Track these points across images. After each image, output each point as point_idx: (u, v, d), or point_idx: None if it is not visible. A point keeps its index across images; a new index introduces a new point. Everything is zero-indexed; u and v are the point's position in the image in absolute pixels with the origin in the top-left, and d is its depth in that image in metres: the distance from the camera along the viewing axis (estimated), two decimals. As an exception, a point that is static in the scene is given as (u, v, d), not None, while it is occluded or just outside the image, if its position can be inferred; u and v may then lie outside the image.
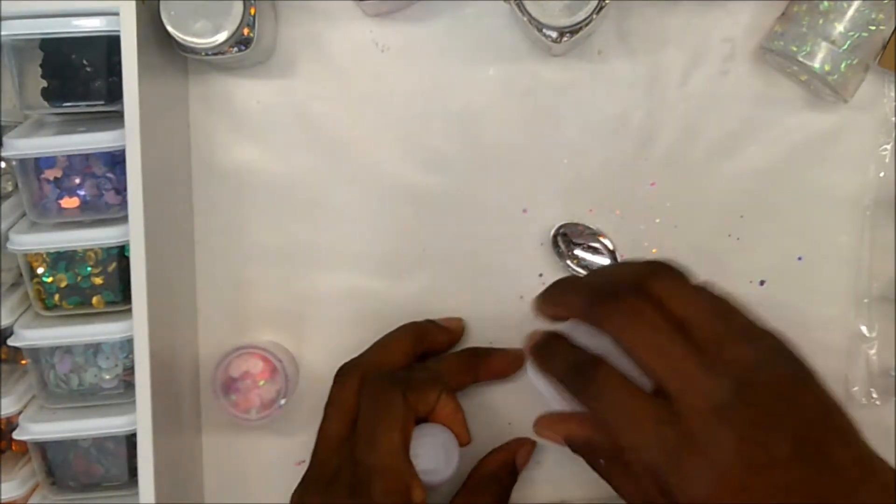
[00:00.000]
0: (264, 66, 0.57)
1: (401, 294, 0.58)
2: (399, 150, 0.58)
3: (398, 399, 0.45)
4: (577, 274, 0.57)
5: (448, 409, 0.47)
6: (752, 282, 0.57)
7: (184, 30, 0.50)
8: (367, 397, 0.47)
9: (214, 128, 0.58)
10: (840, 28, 0.52)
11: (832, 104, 0.56)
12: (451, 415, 0.47)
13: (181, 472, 0.54)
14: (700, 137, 0.57)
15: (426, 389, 0.47)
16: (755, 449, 0.36)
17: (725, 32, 0.57)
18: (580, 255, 0.57)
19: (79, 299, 0.53)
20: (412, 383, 0.47)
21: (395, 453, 0.44)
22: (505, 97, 0.57)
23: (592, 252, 0.57)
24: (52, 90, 0.51)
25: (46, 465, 0.53)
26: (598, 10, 0.49)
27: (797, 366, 0.40)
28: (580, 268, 0.57)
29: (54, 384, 0.53)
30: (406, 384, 0.46)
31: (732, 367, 0.38)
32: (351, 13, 0.57)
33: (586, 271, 0.57)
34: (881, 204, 0.57)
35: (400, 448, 0.44)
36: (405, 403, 0.45)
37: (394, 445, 0.44)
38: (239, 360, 0.54)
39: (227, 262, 0.58)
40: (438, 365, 0.52)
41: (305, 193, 0.58)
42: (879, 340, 0.57)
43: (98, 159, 0.52)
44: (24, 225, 0.52)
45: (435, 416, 0.48)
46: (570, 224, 0.57)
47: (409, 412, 0.46)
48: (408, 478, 0.44)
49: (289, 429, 0.58)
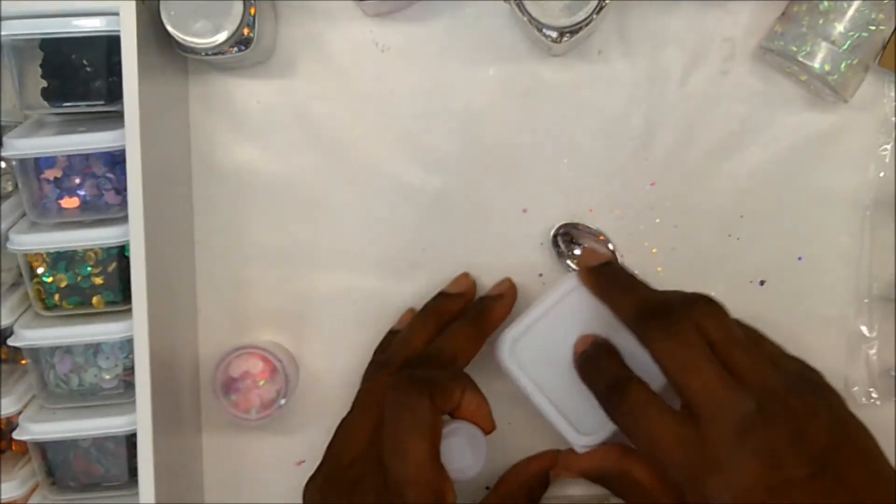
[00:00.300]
0: (264, 66, 0.57)
1: (401, 294, 0.58)
2: (399, 150, 0.58)
3: (425, 404, 0.44)
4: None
5: (473, 405, 0.46)
6: (752, 282, 0.57)
7: (184, 30, 0.50)
8: (392, 403, 0.45)
9: (214, 128, 0.58)
10: (840, 28, 0.52)
11: (832, 104, 0.56)
12: (476, 409, 0.47)
13: (181, 472, 0.54)
14: (700, 137, 0.57)
15: (451, 389, 0.46)
16: (775, 471, 0.38)
17: (725, 32, 0.57)
18: (580, 255, 0.57)
19: (79, 299, 0.53)
20: (437, 385, 0.45)
21: (426, 462, 0.43)
22: (505, 97, 0.57)
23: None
24: (52, 90, 0.51)
25: (46, 465, 0.53)
26: (598, 10, 0.49)
27: (821, 390, 0.42)
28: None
29: (54, 384, 0.53)
30: (431, 386, 0.45)
31: (759, 392, 0.40)
32: (351, 13, 0.57)
33: None
34: (881, 204, 0.57)
35: (430, 456, 0.43)
36: (432, 408, 0.44)
37: (424, 454, 0.43)
38: (239, 360, 0.54)
39: (227, 262, 0.58)
40: (452, 343, 0.50)
41: (305, 193, 0.58)
42: (879, 340, 0.57)
43: (98, 159, 0.52)
44: (24, 225, 0.52)
45: (460, 412, 0.47)
46: (570, 224, 0.57)
47: (437, 416, 0.44)
48: (439, 484, 0.43)
49: (289, 429, 0.58)
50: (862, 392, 0.57)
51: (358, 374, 0.57)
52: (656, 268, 0.57)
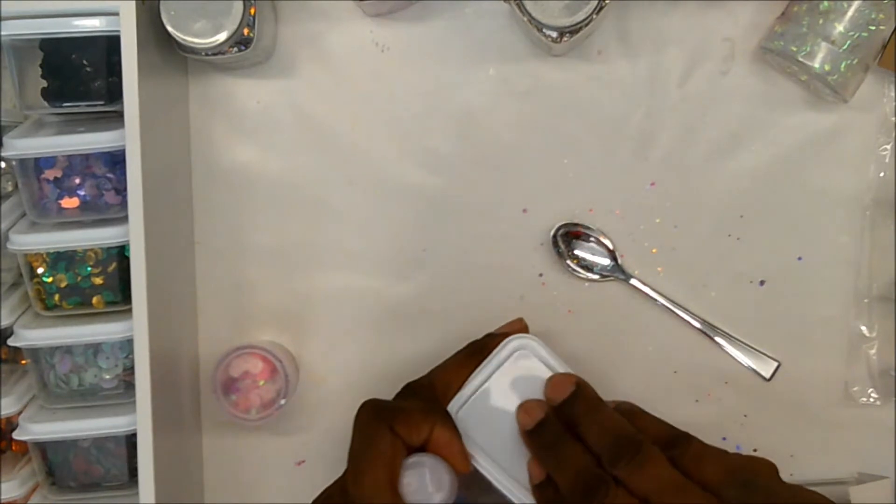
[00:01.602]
0: (264, 66, 0.57)
1: (401, 294, 0.58)
2: (399, 150, 0.58)
3: (384, 433, 0.45)
4: (578, 274, 0.57)
5: (443, 440, 0.47)
6: (752, 282, 0.57)
7: (184, 30, 0.50)
8: (355, 430, 0.46)
9: (214, 128, 0.58)
10: (840, 28, 0.52)
11: (832, 104, 0.56)
12: (446, 446, 0.47)
13: (181, 472, 0.54)
14: (700, 137, 0.57)
15: (418, 421, 0.46)
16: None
17: (725, 32, 0.57)
18: (580, 255, 0.57)
19: (79, 299, 0.53)
20: (401, 415, 0.46)
21: (380, 489, 0.44)
22: (505, 97, 0.57)
23: (592, 252, 0.57)
24: (52, 90, 0.51)
25: (46, 465, 0.53)
26: (598, 10, 0.49)
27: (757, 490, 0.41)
28: (580, 268, 0.57)
29: (54, 384, 0.53)
30: (393, 417, 0.46)
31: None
32: (351, 13, 0.57)
33: (586, 271, 0.57)
34: (881, 204, 0.57)
35: (385, 483, 0.44)
36: (392, 437, 0.45)
37: (379, 481, 0.44)
38: (239, 360, 0.54)
39: (227, 262, 0.58)
40: (446, 375, 0.50)
41: (305, 193, 0.58)
42: (879, 340, 0.57)
43: (98, 159, 0.52)
44: (24, 225, 0.52)
45: (430, 446, 0.47)
46: (570, 224, 0.57)
47: (397, 446, 0.45)
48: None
49: (289, 429, 0.58)
50: (862, 392, 0.57)
51: (358, 374, 0.58)
52: (656, 268, 0.57)
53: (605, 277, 0.57)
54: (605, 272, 0.57)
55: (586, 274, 0.57)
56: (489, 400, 0.47)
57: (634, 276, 0.57)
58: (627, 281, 0.57)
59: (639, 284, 0.57)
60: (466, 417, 0.47)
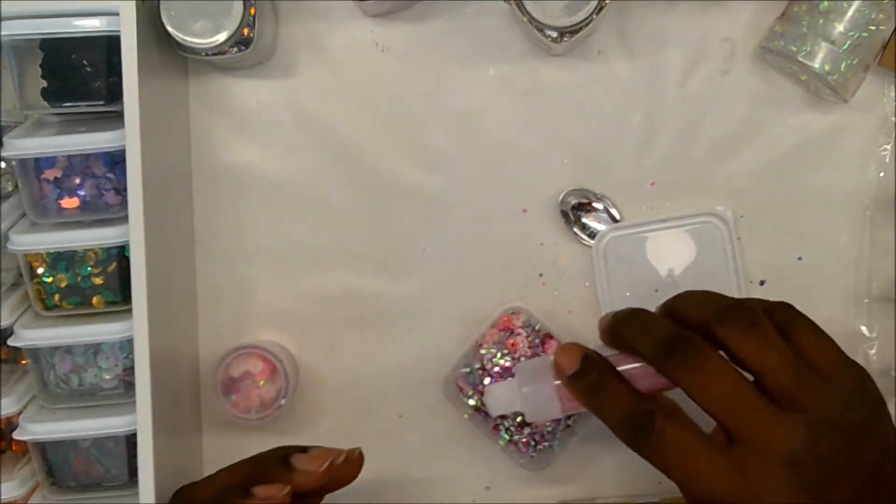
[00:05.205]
0: (264, 66, 0.57)
1: (401, 294, 0.58)
2: (399, 150, 0.58)
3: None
4: (584, 243, 0.57)
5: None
6: (752, 282, 0.57)
7: (184, 30, 0.50)
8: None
9: (214, 128, 0.58)
10: (840, 28, 0.52)
11: (832, 104, 0.56)
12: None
13: (181, 472, 0.54)
14: (700, 137, 0.57)
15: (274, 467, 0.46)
16: (818, 498, 0.37)
17: (725, 32, 0.57)
18: (587, 223, 0.57)
19: (79, 299, 0.53)
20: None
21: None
22: (505, 97, 0.57)
23: (598, 220, 0.57)
24: (52, 90, 0.51)
25: (46, 465, 0.53)
26: (598, 10, 0.49)
27: (870, 409, 0.40)
28: (587, 236, 0.56)
29: (54, 384, 0.53)
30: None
31: (804, 417, 0.38)
32: (351, 13, 0.57)
33: (593, 240, 0.56)
34: (881, 204, 0.57)
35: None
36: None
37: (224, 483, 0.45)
38: (239, 360, 0.54)
39: (227, 262, 0.58)
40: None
41: (305, 193, 0.58)
42: (879, 340, 0.57)
43: (98, 159, 0.52)
44: (24, 225, 0.52)
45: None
46: (577, 190, 0.57)
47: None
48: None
49: (289, 429, 0.58)
50: (862, 392, 0.57)
51: (357, 375, 0.58)
52: (656, 268, 0.57)
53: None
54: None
55: (591, 241, 0.57)
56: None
57: (634, 275, 0.57)
58: (627, 281, 0.57)
59: (639, 284, 0.57)
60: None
